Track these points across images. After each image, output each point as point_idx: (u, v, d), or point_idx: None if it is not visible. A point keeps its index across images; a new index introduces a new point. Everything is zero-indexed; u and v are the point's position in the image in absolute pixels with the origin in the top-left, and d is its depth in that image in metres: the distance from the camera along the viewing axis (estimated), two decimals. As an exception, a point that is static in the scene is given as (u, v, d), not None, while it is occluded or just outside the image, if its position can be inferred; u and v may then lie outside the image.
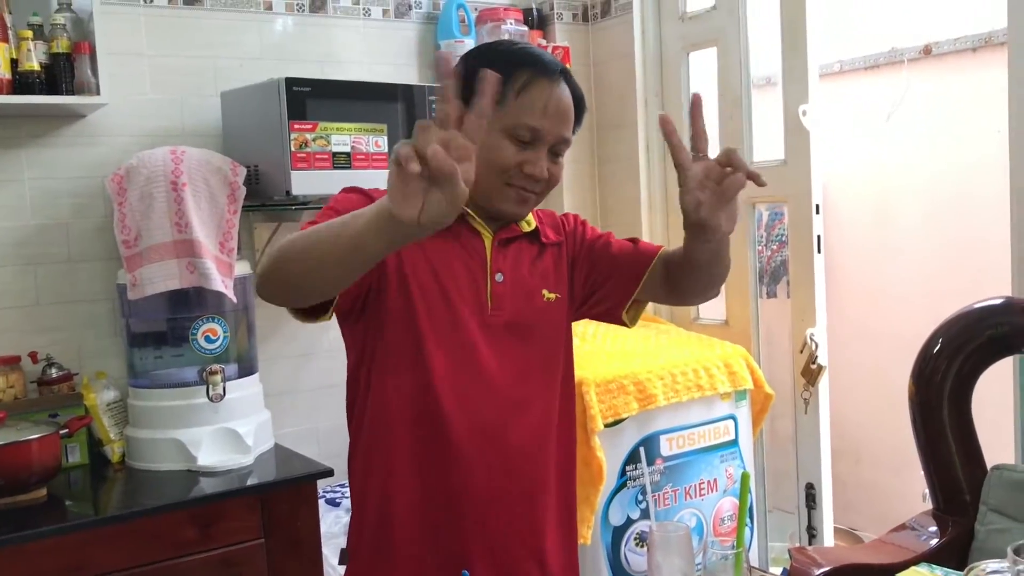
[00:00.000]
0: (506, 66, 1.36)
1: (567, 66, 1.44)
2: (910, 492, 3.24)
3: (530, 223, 1.50)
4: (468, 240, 1.44)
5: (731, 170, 1.19)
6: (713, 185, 1.20)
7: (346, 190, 1.41)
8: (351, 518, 1.54)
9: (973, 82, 3.33)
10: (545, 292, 1.49)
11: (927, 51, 3.47)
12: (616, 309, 1.53)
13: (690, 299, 1.54)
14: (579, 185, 3.21)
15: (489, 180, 1.37)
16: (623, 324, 1.55)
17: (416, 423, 1.41)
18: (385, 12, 2.94)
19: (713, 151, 1.23)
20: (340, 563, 2.32)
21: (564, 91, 1.40)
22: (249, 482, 2.21)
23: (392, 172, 0.96)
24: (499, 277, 1.45)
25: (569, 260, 1.54)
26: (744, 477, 1.25)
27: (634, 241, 1.56)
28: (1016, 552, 1.05)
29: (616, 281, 1.52)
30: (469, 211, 1.43)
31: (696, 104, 1.24)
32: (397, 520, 1.43)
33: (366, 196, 1.37)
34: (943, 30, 3.43)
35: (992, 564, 1.15)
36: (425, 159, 0.93)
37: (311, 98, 2.34)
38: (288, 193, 2.32)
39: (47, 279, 2.45)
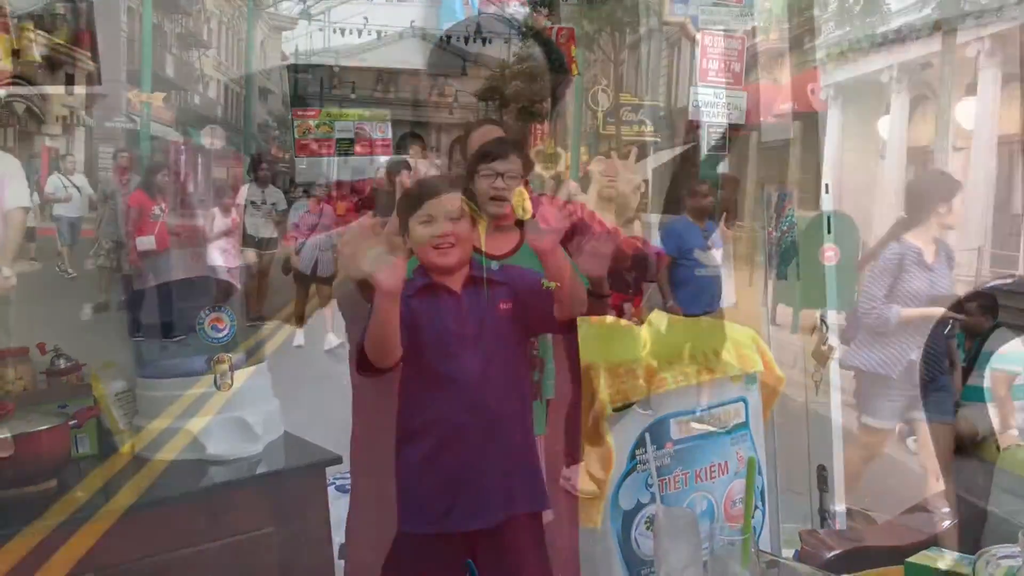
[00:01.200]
0: None
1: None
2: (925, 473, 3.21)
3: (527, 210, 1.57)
4: None
5: None
6: None
7: None
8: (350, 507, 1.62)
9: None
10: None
11: (937, 27, 3.42)
12: None
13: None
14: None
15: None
16: None
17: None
18: (388, -3, 2.92)
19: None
20: (339, 558, 2.32)
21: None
22: (258, 471, 2.22)
23: None
24: (494, 265, 1.59)
25: None
26: (750, 462, 1.24)
27: None
28: (1027, 536, 1.04)
29: None
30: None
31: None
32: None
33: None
34: (950, 7, 3.37)
35: (1003, 549, 1.13)
36: None
37: (314, 85, 2.32)
38: (292, 180, 2.31)
39: (54, 271, 2.45)
